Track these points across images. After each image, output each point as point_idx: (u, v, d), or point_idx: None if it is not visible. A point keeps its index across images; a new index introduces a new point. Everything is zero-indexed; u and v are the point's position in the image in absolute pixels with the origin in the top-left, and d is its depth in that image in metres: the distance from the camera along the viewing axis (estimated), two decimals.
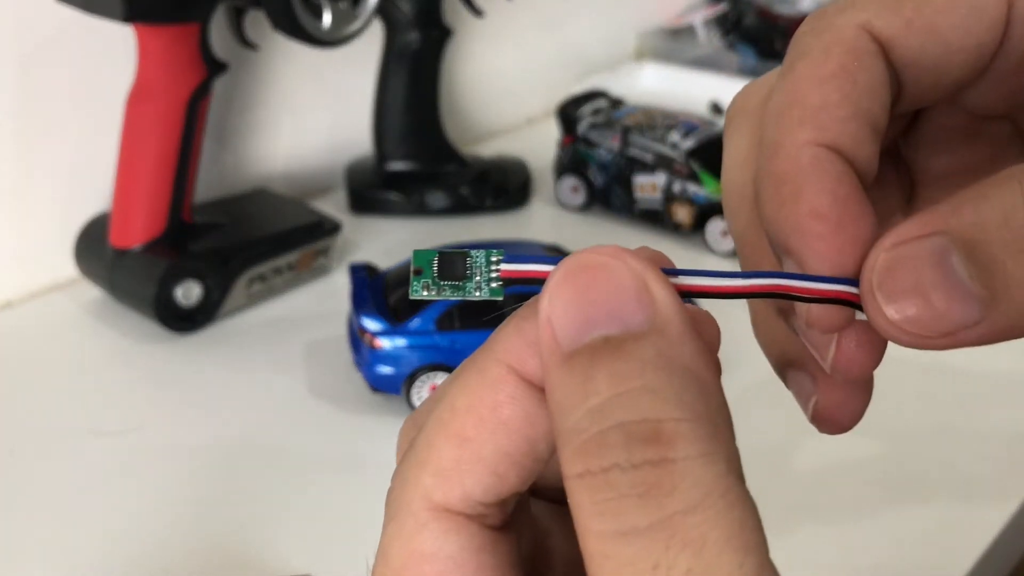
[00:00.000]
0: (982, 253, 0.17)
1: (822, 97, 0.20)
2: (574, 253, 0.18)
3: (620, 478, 0.16)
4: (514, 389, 0.19)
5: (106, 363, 0.66)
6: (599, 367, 0.17)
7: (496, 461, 0.19)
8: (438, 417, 0.19)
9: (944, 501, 0.54)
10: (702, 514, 0.16)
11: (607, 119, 0.83)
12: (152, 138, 0.67)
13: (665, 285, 0.18)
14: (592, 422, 0.17)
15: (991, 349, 0.60)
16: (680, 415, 0.17)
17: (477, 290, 0.19)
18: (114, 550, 0.51)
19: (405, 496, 0.19)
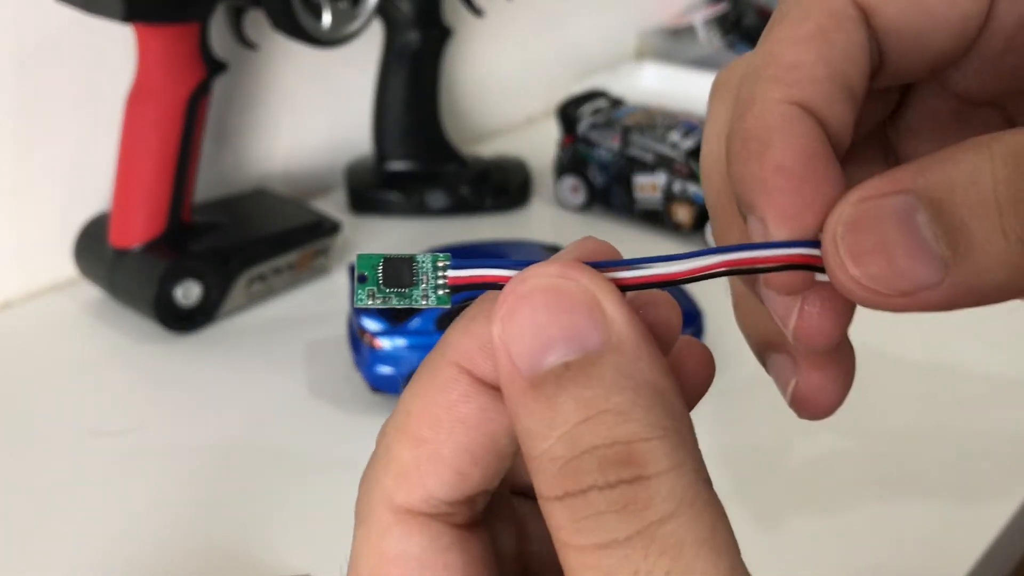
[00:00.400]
0: (948, 214, 0.17)
1: (796, 56, 0.20)
2: (520, 274, 0.18)
3: (598, 497, 0.17)
4: (467, 388, 0.19)
5: (106, 363, 0.66)
6: (564, 394, 0.17)
7: (457, 459, 0.19)
8: (395, 422, 0.20)
9: (944, 501, 0.54)
10: (676, 522, 0.17)
11: (607, 119, 0.83)
12: (152, 138, 0.67)
13: (616, 298, 0.18)
14: (565, 449, 0.17)
15: (991, 349, 0.60)
16: (648, 434, 0.17)
17: (424, 298, 0.19)
18: (114, 550, 0.51)
19: (369, 501, 0.19)
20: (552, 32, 1.08)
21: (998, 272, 0.17)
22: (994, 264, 0.17)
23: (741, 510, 0.53)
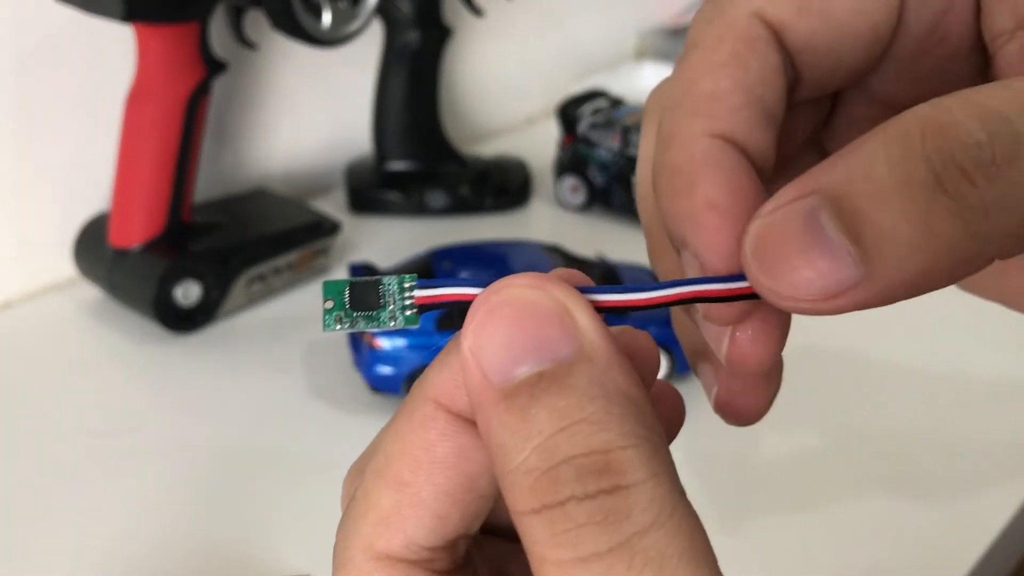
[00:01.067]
0: (848, 208, 0.17)
1: (713, 85, 0.20)
2: (491, 286, 0.18)
3: (577, 509, 0.17)
4: (445, 426, 0.19)
5: (106, 363, 0.66)
6: (537, 405, 0.17)
7: (436, 502, 0.19)
8: (374, 467, 0.19)
9: (944, 501, 0.54)
10: (657, 533, 0.16)
11: (607, 119, 0.83)
12: (152, 138, 0.67)
13: (587, 309, 0.18)
14: (540, 460, 0.17)
15: (991, 348, 0.60)
16: (625, 442, 0.17)
17: (392, 319, 0.19)
18: (114, 550, 0.51)
19: (348, 548, 0.19)
20: (552, 32, 1.08)
21: (912, 258, 0.17)
22: (905, 250, 0.17)
23: (741, 511, 0.53)
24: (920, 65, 0.22)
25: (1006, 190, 0.16)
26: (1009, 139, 0.16)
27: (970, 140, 0.16)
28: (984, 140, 0.16)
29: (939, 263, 0.17)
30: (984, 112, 0.16)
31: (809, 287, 0.17)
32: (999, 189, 0.16)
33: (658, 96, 0.23)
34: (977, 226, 0.16)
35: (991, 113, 0.16)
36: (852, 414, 0.61)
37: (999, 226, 0.16)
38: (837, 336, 0.69)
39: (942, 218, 0.16)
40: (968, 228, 0.16)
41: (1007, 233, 0.16)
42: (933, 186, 0.16)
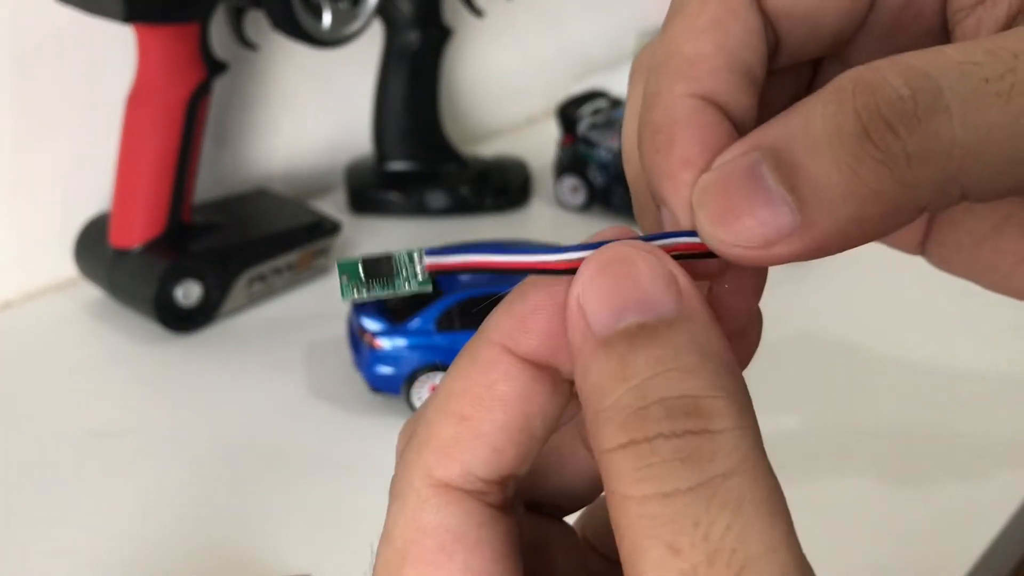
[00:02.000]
0: (786, 159, 0.18)
1: (696, 48, 0.21)
2: (605, 246, 0.19)
3: (664, 445, 0.17)
4: (508, 367, 0.20)
5: (106, 363, 0.66)
6: (636, 351, 0.18)
7: (494, 436, 0.20)
8: (436, 401, 0.20)
9: (944, 501, 0.54)
10: (739, 478, 0.17)
11: (607, 119, 0.83)
12: (152, 138, 0.67)
13: (687, 277, 0.19)
14: (634, 399, 0.18)
15: (991, 349, 0.60)
16: (716, 393, 0.18)
17: (406, 283, 0.20)
18: (114, 550, 0.51)
19: (408, 476, 0.20)
20: (552, 32, 1.08)
21: (844, 206, 0.18)
22: (837, 198, 0.18)
23: None
24: (896, 39, 0.23)
25: (927, 141, 0.17)
26: (931, 94, 0.17)
27: (894, 95, 0.17)
28: (907, 94, 0.17)
29: (868, 210, 0.18)
30: (909, 70, 0.18)
31: (750, 235, 0.18)
32: (920, 140, 0.17)
33: (643, 59, 0.23)
34: (901, 174, 0.17)
35: (916, 71, 0.18)
36: (851, 412, 0.61)
37: (922, 175, 0.17)
38: (836, 334, 0.69)
39: (869, 167, 0.17)
40: (893, 176, 0.17)
41: (930, 181, 0.17)
42: (861, 137, 0.17)
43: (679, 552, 0.17)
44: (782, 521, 0.17)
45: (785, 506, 0.18)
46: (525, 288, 0.20)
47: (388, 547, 0.20)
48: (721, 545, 0.16)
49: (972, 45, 0.18)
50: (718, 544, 0.16)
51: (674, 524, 0.17)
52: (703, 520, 0.17)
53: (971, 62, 0.18)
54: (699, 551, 0.16)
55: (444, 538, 0.19)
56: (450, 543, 0.19)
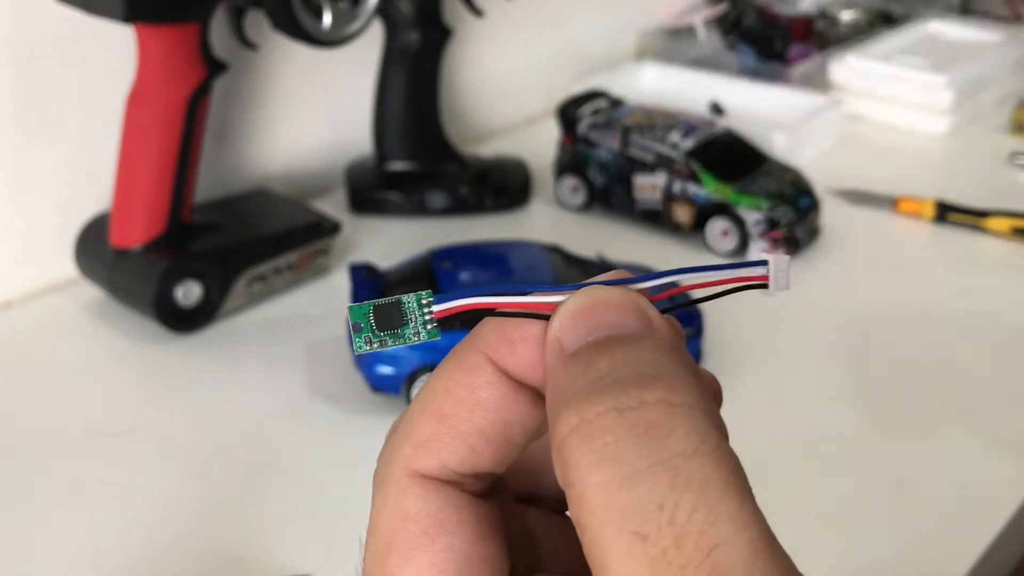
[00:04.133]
0: None
1: None
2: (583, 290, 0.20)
3: (617, 420, 0.17)
4: (491, 376, 0.20)
5: (106, 363, 0.66)
6: (600, 354, 0.18)
7: (471, 437, 0.20)
8: (419, 400, 0.21)
9: (944, 501, 0.54)
10: (702, 458, 0.17)
11: (607, 119, 0.83)
12: (152, 138, 0.67)
13: (658, 313, 0.20)
14: (589, 384, 0.18)
15: (990, 348, 0.60)
16: (677, 374, 0.18)
17: (415, 335, 0.21)
18: (114, 549, 0.51)
19: (388, 468, 0.21)
20: (552, 32, 1.08)
21: None
22: None
23: None
24: None
25: None
26: None
27: None
28: None
29: None
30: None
31: None
32: None
33: None
34: None
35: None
36: (850, 413, 0.61)
37: None
38: (835, 334, 0.69)
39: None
40: None
41: None
42: None
43: (646, 538, 0.16)
44: (748, 500, 0.17)
45: (748, 485, 0.17)
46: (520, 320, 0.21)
47: (373, 537, 0.21)
48: (688, 528, 0.16)
49: None
50: (685, 527, 0.16)
51: (638, 510, 0.16)
52: (668, 502, 0.16)
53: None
54: (666, 535, 0.16)
55: (425, 523, 0.20)
56: (432, 527, 0.20)
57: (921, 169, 0.95)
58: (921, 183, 0.88)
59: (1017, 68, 1.10)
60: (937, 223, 0.83)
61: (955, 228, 0.83)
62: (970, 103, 1.03)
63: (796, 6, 1.16)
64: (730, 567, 0.16)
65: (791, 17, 1.12)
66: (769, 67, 1.08)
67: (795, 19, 1.12)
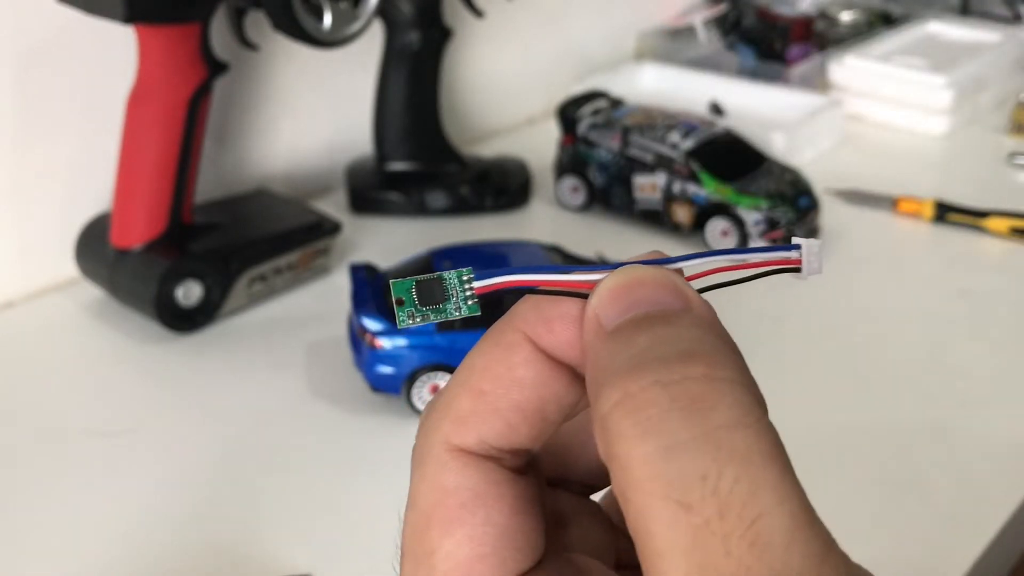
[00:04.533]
0: None
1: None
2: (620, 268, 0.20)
3: (660, 394, 0.17)
4: (529, 354, 0.21)
5: (106, 363, 0.67)
6: (640, 332, 0.19)
7: (509, 413, 0.21)
8: (458, 377, 0.21)
9: (944, 501, 0.54)
10: (744, 430, 0.17)
11: (607, 119, 0.83)
12: (152, 138, 0.67)
13: (695, 293, 0.20)
14: (631, 361, 0.18)
15: (991, 349, 0.60)
16: (718, 350, 0.18)
17: (456, 311, 0.21)
18: (114, 550, 0.51)
19: (427, 444, 0.21)
20: (552, 32, 1.08)
21: None
22: None
23: None
24: None
25: None
26: None
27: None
28: None
29: None
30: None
31: None
32: None
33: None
34: None
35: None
36: (850, 413, 0.61)
37: None
38: (835, 334, 0.69)
39: None
40: None
41: None
42: None
43: (690, 507, 0.16)
44: (789, 472, 0.17)
45: (788, 458, 0.18)
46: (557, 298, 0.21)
47: (413, 511, 0.21)
48: (731, 498, 0.16)
49: None
50: (728, 497, 0.16)
51: (681, 480, 0.17)
52: (711, 473, 0.16)
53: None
54: (710, 505, 0.16)
55: (465, 496, 0.20)
56: (471, 501, 0.20)
57: (920, 169, 0.95)
58: (920, 183, 0.89)
59: (1017, 68, 1.11)
60: (936, 223, 0.83)
61: (954, 228, 0.83)
62: (969, 103, 1.03)
63: (796, 6, 1.16)
64: (772, 537, 0.16)
65: (791, 17, 1.12)
66: (769, 67, 1.08)
67: (795, 19, 1.12)
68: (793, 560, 0.16)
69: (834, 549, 0.17)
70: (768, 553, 0.16)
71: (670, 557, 0.16)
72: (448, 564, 0.20)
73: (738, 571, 0.16)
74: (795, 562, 0.16)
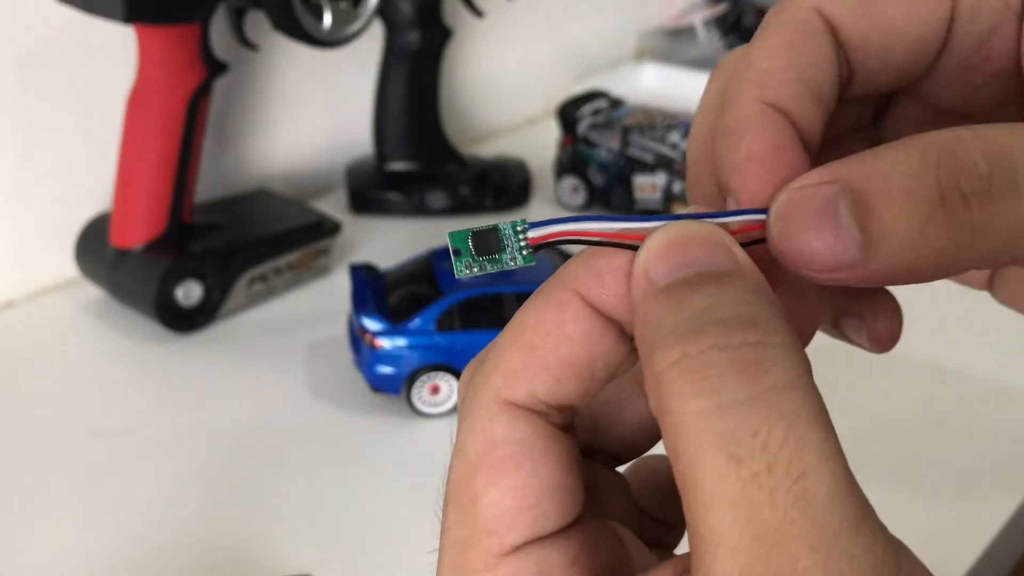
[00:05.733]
0: (863, 202, 0.20)
1: (770, 63, 0.23)
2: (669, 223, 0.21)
3: (719, 356, 0.18)
4: (579, 311, 0.21)
5: (106, 363, 0.67)
6: (693, 292, 0.19)
7: (559, 368, 0.21)
8: (508, 332, 0.22)
9: (944, 501, 0.54)
10: (794, 392, 0.18)
11: (607, 119, 0.83)
12: (152, 138, 0.67)
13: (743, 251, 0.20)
14: (688, 322, 0.19)
15: (990, 348, 0.60)
16: (770, 315, 0.19)
17: (512, 260, 0.22)
18: (114, 549, 0.51)
19: (478, 396, 0.21)
20: (552, 32, 1.08)
21: (904, 254, 0.19)
22: (900, 246, 0.19)
23: None
24: (967, 79, 0.24)
25: (993, 217, 0.19)
26: (1007, 175, 0.19)
27: (974, 171, 0.19)
28: (985, 172, 0.19)
29: (923, 262, 0.20)
30: (992, 147, 0.19)
31: (814, 257, 0.20)
32: (987, 215, 0.19)
33: (727, 62, 0.26)
34: (962, 240, 0.19)
35: (997, 149, 0.19)
36: (850, 412, 0.61)
37: (980, 244, 0.19)
38: None
39: (936, 228, 0.19)
40: (954, 240, 0.19)
41: (986, 250, 0.19)
42: (936, 201, 0.19)
43: (740, 461, 0.17)
44: (832, 435, 0.18)
45: (831, 423, 0.18)
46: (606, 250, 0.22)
47: (461, 459, 0.21)
48: (780, 455, 0.17)
49: None
50: (776, 453, 0.17)
51: (733, 435, 0.17)
52: (761, 430, 0.17)
53: None
54: (759, 460, 0.17)
55: (513, 448, 0.21)
56: (518, 453, 0.21)
57: None
58: None
59: None
60: None
61: None
62: None
63: None
64: (815, 493, 0.17)
65: None
66: None
67: None
68: (834, 517, 0.17)
69: (872, 514, 0.18)
70: (812, 508, 0.17)
71: (718, 507, 0.17)
72: (492, 512, 0.20)
73: (782, 523, 0.17)
74: (835, 519, 0.17)
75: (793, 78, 0.23)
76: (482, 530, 0.20)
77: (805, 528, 0.17)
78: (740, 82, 0.23)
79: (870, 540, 0.17)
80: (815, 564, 0.17)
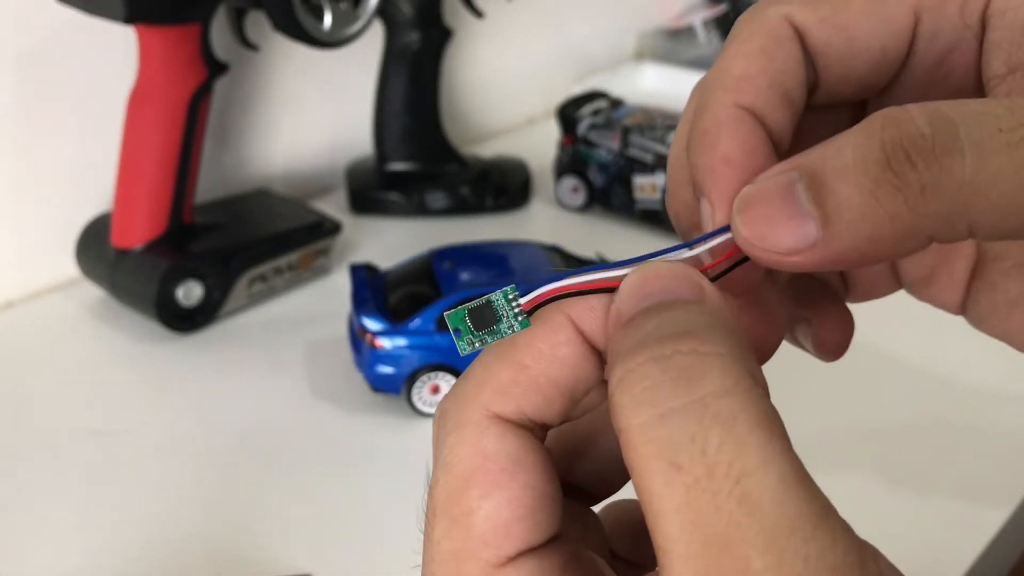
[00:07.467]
0: (817, 180, 0.20)
1: (743, 69, 0.24)
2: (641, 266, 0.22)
3: (653, 367, 0.19)
4: (571, 336, 0.22)
5: (106, 363, 0.67)
6: (649, 318, 0.20)
7: (548, 388, 0.22)
8: (497, 349, 0.22)
9: (943, 501, 0.54)
10: (731, 398, 0.18)
11: (607, 119, 0.83)
12: (153, 138, 0.67)
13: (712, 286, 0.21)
14: (634, 344, 0.19)
15: (990, 348, 0.60)
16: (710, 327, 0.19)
17: (510, 328, 0.22)
18: (114, 549, 0.51)
19: (465, 410, 0.22)
20: (552, 32, 1.08)
21: (861, 225, 0.20)
22: (856, 218, 0.20)
23: None
24: (930, 94, 0.25)
25: (940, 176, 0.19)
26: (949, 135, 0.19)
27: (916, 132, 0.20)
28: (928, 132, 0.19)
29: (882, 231, 0.20)
30: (934, 112, 0.20)
31: (778, 242, 0.21)
32: (934, 174, 0.19)
33: (702, 81, 0.27)
34: (914, 203, 0.19)
35: (939, 113, 0.20)
36: (849, 413, 0.61)
37: (932, 206, 0.19)
38: None
39: (887, 192, 0.20)
40: (907, 203, 0.19)
41: (939, 213, 0.20)
42: (883, 165, 0.20)
43: (681, 467, 0.18)
44: (778, 439, 0.18)
45: (782, 428, 0.18)
46: None
47: (449, 473, 0.21)
48: (718, 458, 0.17)
49: (994, 101, 0.20)
50: (715, 457, 0.18)
51: (672, 442, 0.18)
52: (698, 436, 0.18)
53: (990, 113, 0.19)
54: (699, 465, 0.18)
55: (504, 461, 0.21)
56: (510, 466, 0.21)
57: None
58: None
59: None
60: None
61: None
62: None
63: None
64: (760, 495, 0.17)
65: None
66: None
67: None
68: (783, 519, 0.17)
69: (833, 515, 0.18)
70: (758, 510, 0.17)
71: (667, 515, 0.18)
72: (487, 525, 0.21)
73: (728, 526, 0.17)
74: (785, 520, 0.17)
75: (766, 83, 0.23)
76: (477, 542, 0.21)
77: (753, 530, 0.17)
78: (715, 86, 0.24)
79: (829, 540, 0.17)
80: (768, 566, 0.17)
